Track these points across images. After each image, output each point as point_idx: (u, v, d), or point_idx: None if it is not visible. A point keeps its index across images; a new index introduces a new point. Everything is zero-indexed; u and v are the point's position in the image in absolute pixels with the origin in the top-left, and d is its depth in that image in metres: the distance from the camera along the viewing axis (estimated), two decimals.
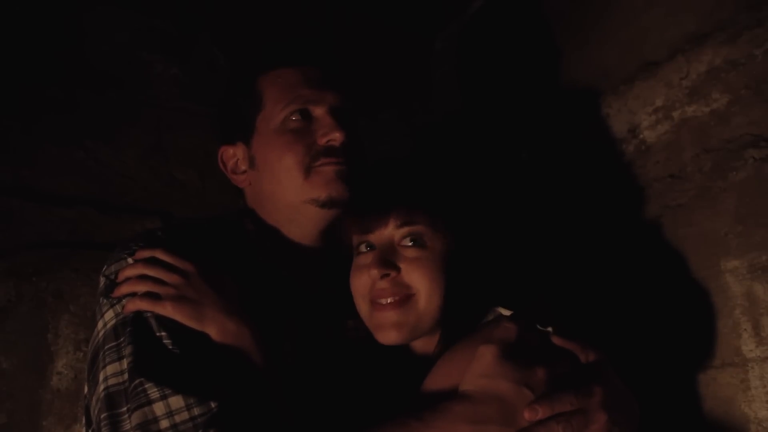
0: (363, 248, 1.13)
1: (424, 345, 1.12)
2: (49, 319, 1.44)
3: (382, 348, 1.16)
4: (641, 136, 1.39)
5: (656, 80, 1.36)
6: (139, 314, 0.97)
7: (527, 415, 0.89)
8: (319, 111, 1.16)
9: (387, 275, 1.07)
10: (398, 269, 1.08)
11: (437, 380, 1.02)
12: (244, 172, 1.21)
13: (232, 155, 1.22)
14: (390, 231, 1.10)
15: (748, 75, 1.19)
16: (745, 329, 1.16)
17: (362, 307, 1.12)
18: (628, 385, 1.00)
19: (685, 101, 1.30)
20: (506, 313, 1.07)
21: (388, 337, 1.08)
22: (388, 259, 1.08)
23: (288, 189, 1.15)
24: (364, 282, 1.10)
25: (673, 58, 1.33)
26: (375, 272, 1.07)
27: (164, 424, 0.88)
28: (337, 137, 1.13)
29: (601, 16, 1.50)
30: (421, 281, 1.08)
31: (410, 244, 1.09)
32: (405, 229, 1.10)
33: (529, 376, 0.92)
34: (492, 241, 1.29)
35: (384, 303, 1.08)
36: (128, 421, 0.90)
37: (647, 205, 1.37)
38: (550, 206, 1.58)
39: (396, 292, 1.07)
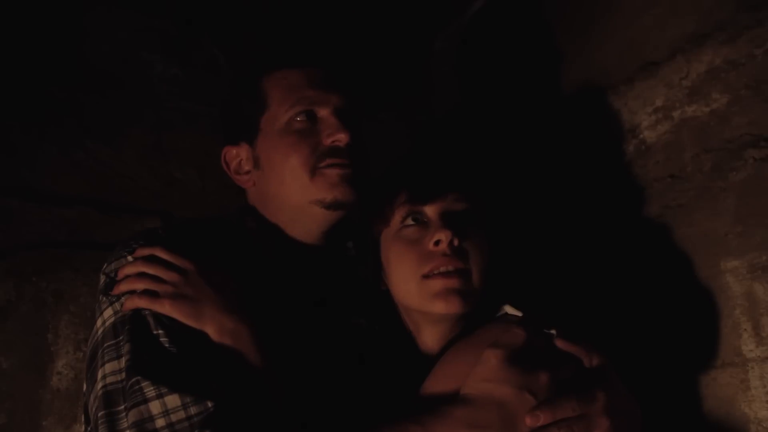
0: (410, 221, 1.11)
1: (439, 338, 1.12)
2: (49, 319, 1.44)
3: (387, 346, 1.16)
4: (641, 136, 1.39)
5: (656, 80, 1.36)
6: (137, 312, 0.96)
7: (528, 421, 0.89)
8: (324, 112, 1.16)
9: (453, 240, 1.05)
10: (461, 237, 1.07)
11: (438, 382, 1.02)
12: (248, 172, 1.21)
13: (236, 155, 1.22)
14: (449, 203, 1.10)
15: (748, 75, 1.19)
16: (745, 329, 1.16)
17: (411, 282, 1.09)
18: (630, 388, 1.00)
19: (685, 101, 1.30)
20: (513, 312, 1.07)
21: (451, 304, 1.05)
22: (453, 225, 1.07)
23: (293, 189, 1.15)
24: (414, 254, 1.08)
25: (673, 58, 1.33)
26: (445, 234, 1.04)
27: (160, 422, 0.87)
28: (342, 138, 1.14)
29: (601, 16, 1.50)
30: (476, 256, 1.07)
31: (467, 219, 1.09)
32: (464, 204, 1.10)
33: (532, 381, 0.91)
34: (509, 235, 1.30)
35: (444, 271, 1.06)
36: (125, 420, 0.89)
37: (647, 205, 1.37)
38: (549, 206, 1.58)
39: (456, 263, 1.05)
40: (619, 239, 1.41)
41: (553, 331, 1.00)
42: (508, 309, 1.08)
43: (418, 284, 1.07)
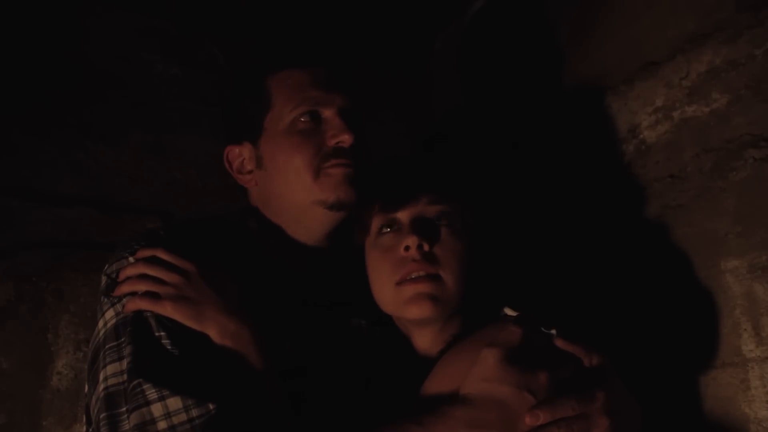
0: (385, 229, 1.11)
1: (431, 341, 1.12)
2: (49, 319, 1.44)
3: (388, 346, 1.16)
4: (641, 136, 1.39)
5: (656, 80, 1.36)
6: (139, 314, 0.97)
7: (528, 420, 0.89)
8: (328, 112, 1.16)
9: (422, 246, 1.05)
10: (431, 242, 1.07)
11: (438, 382, 1.02)
12: (251, 172, 1.21)
13: (238, 155, 1.22)
14: (421, 208, 1.09)
15: (748, 75, 1.19)
16: (745, 329, 1.16)
17: (386, 289, 1.09)
18: (630, 388, 1.00)
19: (685, 101, 1.30)
20: (512, 313, 1.07)
21: (422, 308, 1.05)
22: (423, 230, 1.07)
23: (296, 190, 1.14)
24: (388, 262, 1.09)
25: (673, 58, 1.33)
26: (412, 240, 1.05)
27: (162, 425, 0.88)
28: (346, 139, 1.13)
29: (602, 16, 1.50)
30: (449, 260, 1.07)
31: (440, 222, 1.09)
32: (437, 207, 1.10)
33: (531, 381, 0.91)
34: (503, 238, 1.30)
35: (415, 277, 1.06)
36: (127, 422, 0.90)
37: (647, 205, 1.37)
38: (550, 206, 1.58)
39: (427, 268, 1.06)
40: (619, 239, 1.41)
41: (553, 331, 1.00)
42: (508, 311, 1.08)
43: (392, 291, 1.08)
